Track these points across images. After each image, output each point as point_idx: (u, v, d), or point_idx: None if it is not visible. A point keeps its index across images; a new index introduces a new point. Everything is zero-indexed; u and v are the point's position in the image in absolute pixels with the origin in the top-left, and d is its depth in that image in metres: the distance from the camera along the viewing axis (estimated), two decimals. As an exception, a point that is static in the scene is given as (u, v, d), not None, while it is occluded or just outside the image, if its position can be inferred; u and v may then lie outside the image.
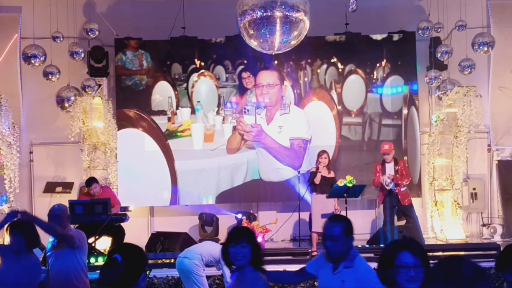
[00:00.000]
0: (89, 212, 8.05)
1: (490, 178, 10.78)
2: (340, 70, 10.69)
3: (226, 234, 3.78)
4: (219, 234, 9.89)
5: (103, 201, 8.25)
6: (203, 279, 6.08)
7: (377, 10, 10.52)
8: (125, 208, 8.77)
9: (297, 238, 9.48)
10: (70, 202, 7.96)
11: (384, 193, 8.94)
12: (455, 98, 10.30)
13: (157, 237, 8.78)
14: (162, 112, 10.55)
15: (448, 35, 10.54)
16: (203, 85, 10.65)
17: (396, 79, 10.66)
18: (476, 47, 9.55)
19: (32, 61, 9.36)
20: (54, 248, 4.82)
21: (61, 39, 9.81)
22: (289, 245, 9.96)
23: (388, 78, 10.65)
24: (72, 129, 10.00)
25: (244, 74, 10.59)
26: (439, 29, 10.28)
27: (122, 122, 10.44)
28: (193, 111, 10.55)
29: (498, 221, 10.53)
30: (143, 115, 10.50)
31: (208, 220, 10.11)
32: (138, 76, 10.62)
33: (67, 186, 10.28)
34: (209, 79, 10.66)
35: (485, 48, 9.55)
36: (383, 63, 10.66)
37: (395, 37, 10.67)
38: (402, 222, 9.23)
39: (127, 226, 8.63)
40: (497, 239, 10.00)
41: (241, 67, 10.63)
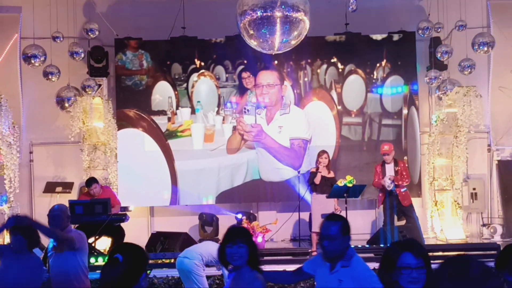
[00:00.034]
0: (89, 212, 8.05)
1: (490, 178, 10.78)
2: (340, 70, 10.69)
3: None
4: (219, 234, 9.87)
5: (103, 201, 8.25)
6: (203, 279, 6.08)
7: (377, 10, 10.52)
8: (125, 208, 8.77)
9: (297, 238, 9.49)
10: (70, 202, 7.95)
11: (384, 193, 8.95)
12: (455, 98, 10.30)
13: (157, 237, 8.79)
14: (162, 112, 10.56)
15: (448, 35, 10.54)
16: (203, 85, 10.65)
17: (396, 79, 10.66)
18: (476, 47, 9.54)
19: (32, 61, 9.36)
20: (55, 248, 4.82)
21: (61, 39, 9.82)
22: (289, 245, 9.96)
23: (388, 78, 10.65)
24: (72, 129, 10.01)
25: (244, 74, 10.59)
26: (439, 29, 10.28)
27: (122, 122, 10.44)
28: (193, 111, 10.55)
29: (498, 221, 10.52)
30: (143, 115, 10.50)
31: (208, 220, 10.10)
32: (138, 76, 10.62)
33: (67, 186, 10.28)
34: (209, 79, 10.66)
35: (485, 48, 9.54)
36: (383, 63, 10.66)
37: (395, 37, 10.67)
38: (402, 222, 9.23)
39: (127, 226, 8.63)
40: (497, 239, 10.00)
41: (241, 67, 10.63)
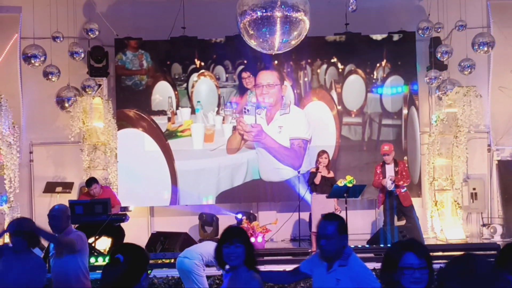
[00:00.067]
0: (89, 212, 8.04)
1: (490, 178, 10.78)
2: (340, 70, 10.69)
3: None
4: (219, 234, 9.80)
5: (103, 201, 8.25)
6: (203, 279, 6.09)
7: (377, 10, 10.52)
8: (125, 208, 8.76)
9: (297, 238, 9.49)
10: (70, 202, 7.94)
11: (384, 194, 8.94)
12: (455, 98, 10.30)
13: (157, 237, 8.78)
14: (162, 112, 10.56)
15: (448, 35, 10.54)
16: (203, 85, 10.65)
17: (396, 79, 10.66)
18: (476, 47, 9.54)
19: (32, 61, 9.35)
20: (55, 251, 4.82)
21: (61, 39, 9.81)
22: (289, 245, 9.95)
23: (388, 78, 10.65)
24: (72, 129, 10.01)
25: (244, 74, 10.59)
26: (439, 29, 10.28)
27: (122, 122, 10.44)
28: (193, 111, 10.55)
29: (498, 221, 10.52)
30: (143, 115, 10.50)
31: (208, 220, 10.10)
32: (138, 76, 10.62)
33: (67, 186, 10.28)
34: (209, 79, 10.66)
35: (485, 48, 9.54)
36: (383, 63, 10.66)
37: (395, 37, 10.67)
38: (402, 222, 9.23)
39: (127, 226, 8.63)
40: (497, 239, 9.99)
41: (241, 67, 10.63)
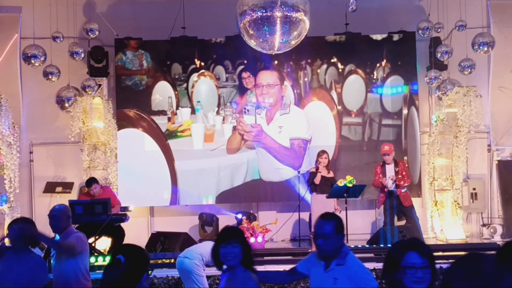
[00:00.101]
0: (89, 212, 8.05)
1: (490, 178, 10.78)
2: (340, 70, 10.69)
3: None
4: (219, 234, 9.87)
5: (103, 201, 8.25)
6: (203, 279, 6.08)
7: (377, 10, 10.52)
8: (125, 208, 8.76)
9: (297, 238, 9.49)
10: (70, 202, 7.94)
11: (384, 194, 8.94)
12: (455, 98, 10.30)
13: (157, 237, 8.78)
14: (162, 112, 10.56)
15: (448, 35, 10.55)
16: (203, 85, 10.65)
17: (396, 79, 10.66)
18: (476, 47, 9.54)
19: (32, 61, 9.35)
20: (56, 254, 4.82)
21: (61, 39, 9.81)
22: (289, 245, 9.95)
23: (388, 78, 10.65)
24: (72, 129, 10.01)
25: (244, 74, 10.59)
26: (439, 29, 10.28)
27: (122, 122, 10.44)
28: (193, 111, 10.55)
29: (498, 221, 10.52)
30: (143, 115, 10.50)
31: (208, 220, 10.10)
32: (138, 76, 10.62)
33: (67, 186, 10.28)
34: (209, 79, 10.67)
35: (485, 48, 9.54)
36: (383, 63, 10.66)
37: (395, 37, 10.67)
38: (402, 222, 9.23)
39: (127, 226, 8.63)
40: (497, 239, 9.99)
41: (241, 67, 10.63)
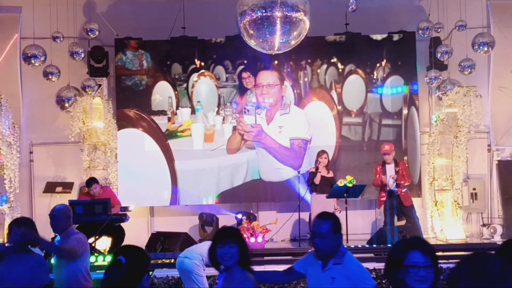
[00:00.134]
0: (89, 212, 8.05)
1: (490, 178, 10.77)
2: (340, 70, 10.69)
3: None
4: (219, 234, 9.85)
5: (103, 201, 8.25)
6: (203, 279, 6.08)
7: (377, 10, 10.52)
8: (125, 208, 8.76)
9: (297, 238, 9.49)
10: (70, 202, 7.95)
11: (385, 194, 8.94)
12: (455, 98, 10.30)
13: (157, 237, 8.78)
14: (162, 112, 10.56)
15: (448, 35, 10.54)
16: (203, 85, 10.65)
17: (396, 79, 10.66)
18: (476, 47, 9.54)
19: (32, 61, 9.35)
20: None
21: (61, 39, 9.81)
22: (289, 245, 9.95)
23: (388, 78, 10.66)
24: (72, 129, 10.01)
25: (244, 74, 10.59)
26: (439, 29, 10.28)
27: (122, 122, 10.44)
28: (193, 111, 10.55)
29: (498, 221, 10.52)
30: (143, 115, 10.51)
31: (208, 220, 10.10)
32: (138, 76, 10.62)
33: (67, 186, 10.28)
34: (209, 79, 10.67)
35: (485, 48, 9.54)
36: (383, 63, 10.66)
37: (395, 37, 10.67)
38: (402, 222, 9.23)
39: (127, 226, 8.63)
40: (497, 239, 9.98)
41: (241, 67, 10.63)
